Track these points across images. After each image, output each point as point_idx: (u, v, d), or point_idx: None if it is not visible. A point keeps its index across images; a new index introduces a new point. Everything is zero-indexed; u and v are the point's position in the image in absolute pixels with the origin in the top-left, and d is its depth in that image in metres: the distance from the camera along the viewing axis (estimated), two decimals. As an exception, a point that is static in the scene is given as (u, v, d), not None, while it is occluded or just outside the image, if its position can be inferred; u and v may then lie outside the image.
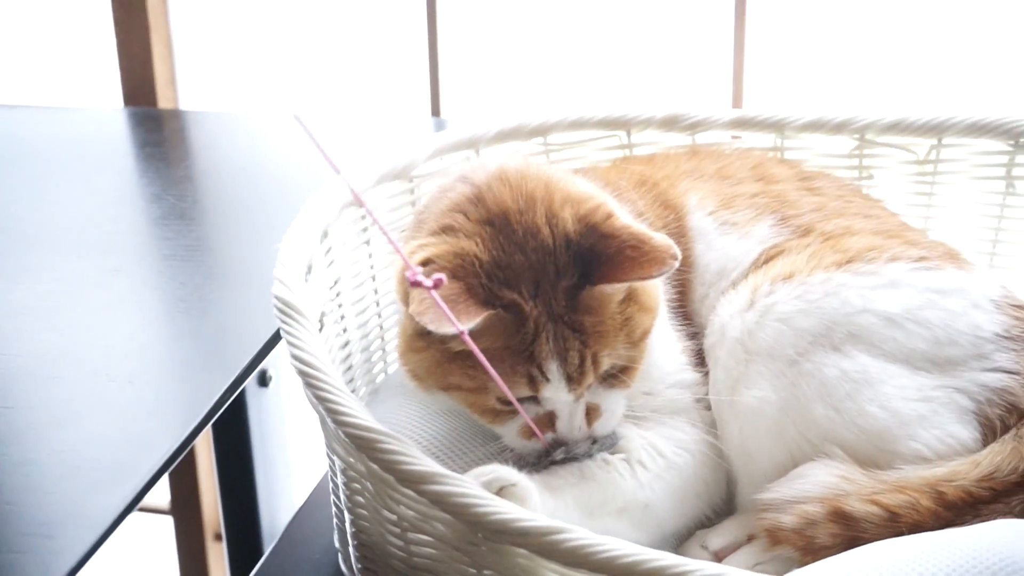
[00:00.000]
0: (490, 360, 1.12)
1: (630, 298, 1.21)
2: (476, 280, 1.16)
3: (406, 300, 1.17)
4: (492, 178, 1.23)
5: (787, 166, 1.51)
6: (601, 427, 1.22)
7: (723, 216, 1.40)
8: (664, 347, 1.32)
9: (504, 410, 1.20)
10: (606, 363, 1.19)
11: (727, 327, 1.30)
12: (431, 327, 1.11)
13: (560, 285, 1.17)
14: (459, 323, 1.09)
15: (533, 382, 1.17)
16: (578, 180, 1.29)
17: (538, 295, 1.16)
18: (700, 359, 1.34)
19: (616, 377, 1.22)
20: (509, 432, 1.22)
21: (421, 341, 1.21)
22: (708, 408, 1.32)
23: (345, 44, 2.44)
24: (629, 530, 1.21)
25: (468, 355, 1.14)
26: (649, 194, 1.40)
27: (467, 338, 1.10)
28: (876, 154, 1.59)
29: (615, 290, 1.19)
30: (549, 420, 1.21)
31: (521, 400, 1.18)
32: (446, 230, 1.21)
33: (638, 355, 1.22)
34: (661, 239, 1.16)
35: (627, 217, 1.22)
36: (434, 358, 1.20)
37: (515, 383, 1.16)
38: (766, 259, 1.35)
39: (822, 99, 2.17)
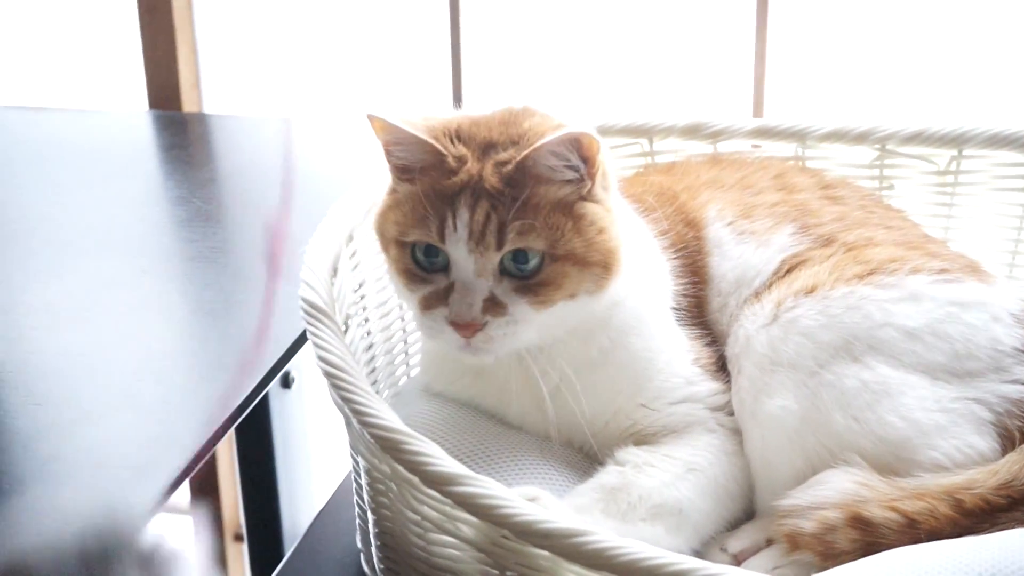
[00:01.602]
0: (418, 200, 1.24)
1: (569, 214, 1.24)
2: (440, 129, 1.27)
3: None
4: None
5: (809, 175, 1.52)
6: (498, 328, 1.23)
7: (741, 226, 1.41)
8: (667, 361, 1.34)
9: (418, 274, 1.26)
10: (511, 237, 1.22)
11: (752, 340, 1.31)
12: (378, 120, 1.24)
13: (501, 157, 1.24)
14: (406, 126, 1.23)
15: (442, 229, 1.23)
16: None
17: (483, 159, 1.24)
18: (722, 365, 1.36)
19: (531, 289, 1.23)
20: (413, 302, 1.27)
21: (386, 194, 1.30)
22: (732, 413, 1.33)
23: (368, 47, 2.45)
24: (666, 536, 1.22)
25: (406, 200, 1.26)
26: (670, 207, 1.42)
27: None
28: (897, 164, 1.60)
29: (544, 175, 1.23)
30: (448, 295, 1.24)
31: (432, 265, 1.25)
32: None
33: (556, 275, 1.23)
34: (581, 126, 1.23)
35: None
36: (387, 205, 1.29)
37: (429, 224, 1.24)
38: (788, 268, 1.36)
39: (843, 109, 2.18)
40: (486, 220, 1.22)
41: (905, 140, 1.57)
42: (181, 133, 2.30)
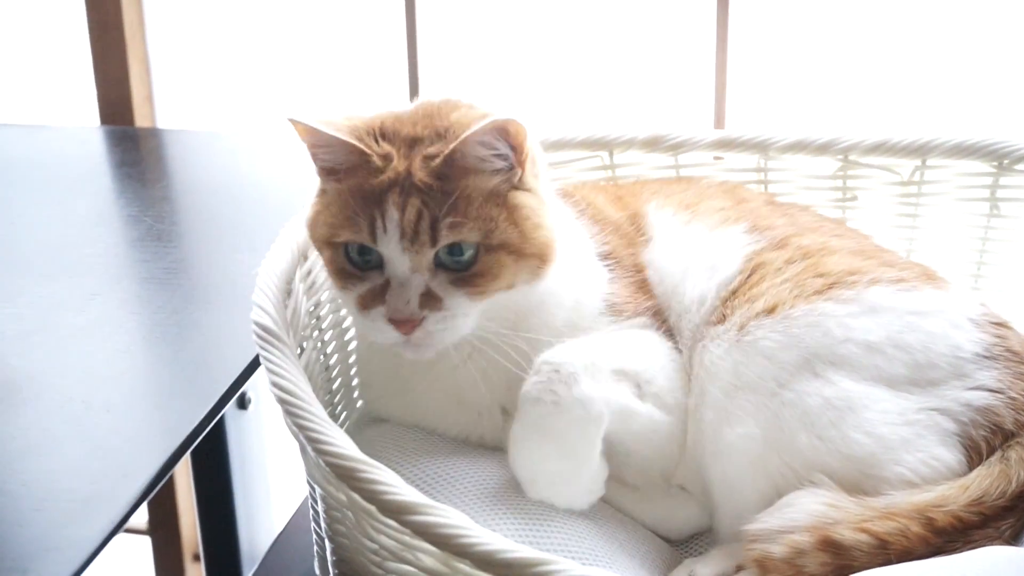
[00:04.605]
0: (346, 200, 1.24)
1: (503, 204, 1.24)
2: (363, 128, 1.26)
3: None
4: None
5: (756, 193, 1.53)
6: (436, 322, 1.22)
7: (685, 216, 1.42)
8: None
9: (353, 272, 1.25)
10: (444, 233, 1.21)
11: (717, 366, 1.30)
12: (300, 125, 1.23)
13: (428, 151, 1.23)
14: (327, 129, 1.23)
15: (372, 229, 1.22)
16: None
17: (410, 155, 1.23)
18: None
19: (467, 281, 1.23)
20: (350, 302, 1.26)
21: (316, 196, 1.30)
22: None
23: (324, 61, 2.43)
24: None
25: (334, 200, 1.25)
26: (613, 204, 1.45)
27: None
28: (860, 175, 1.59)
29: (473, 166, 1.23)
30: (384, 292, 1.24)
31: (367, 264, 1.24)
32: None
33: (492, 266, 1.23)
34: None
35: None
36: (318, 207, 1.29)
37: (359, 225, 1.23)
38: (752, 269, 1.35)
39: (806, 120, 2.17)
40: (418, 217, 1.21)
41: (868, 150, 1.56)
42: (133, 149, 2.26)
